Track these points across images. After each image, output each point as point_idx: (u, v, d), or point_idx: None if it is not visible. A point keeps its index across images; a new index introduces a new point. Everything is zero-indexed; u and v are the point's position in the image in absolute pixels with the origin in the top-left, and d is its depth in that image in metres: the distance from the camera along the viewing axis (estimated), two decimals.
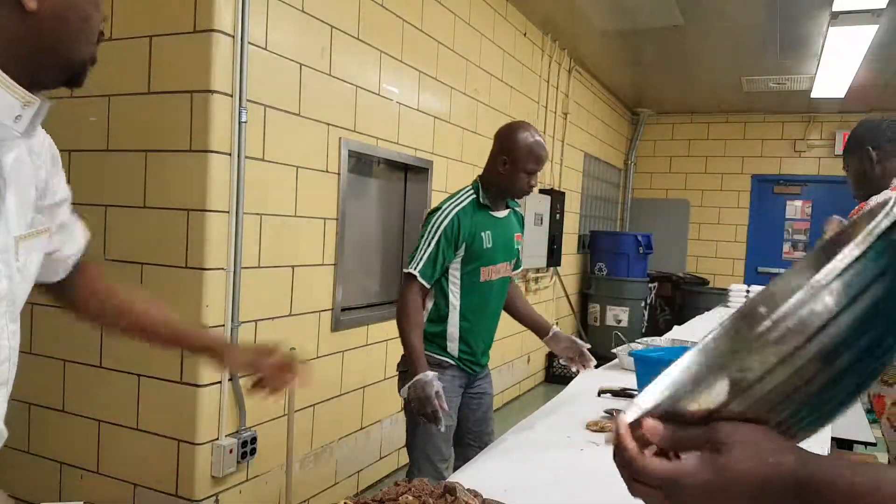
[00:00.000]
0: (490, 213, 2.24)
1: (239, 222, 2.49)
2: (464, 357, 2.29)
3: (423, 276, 2.13)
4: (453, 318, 2.24)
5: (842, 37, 4.56)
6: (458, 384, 2.29)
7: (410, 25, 3.54)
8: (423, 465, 2.21)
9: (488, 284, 2.27)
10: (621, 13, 4.75)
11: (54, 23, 0.84)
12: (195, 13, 2.39)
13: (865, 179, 2.07)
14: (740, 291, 5.26)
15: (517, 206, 2.42)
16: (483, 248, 2.19)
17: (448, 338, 2.25)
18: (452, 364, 2.27)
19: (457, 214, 2.17)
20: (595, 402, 2.13)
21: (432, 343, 2.25)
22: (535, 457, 1.61)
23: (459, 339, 2.26)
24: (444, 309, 2.25)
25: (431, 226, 2.16)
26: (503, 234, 2.27)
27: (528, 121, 2.40)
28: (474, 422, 2.38)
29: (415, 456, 2.25)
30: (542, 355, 6.06)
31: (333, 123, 3.01)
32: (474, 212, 2.21)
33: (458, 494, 1.12)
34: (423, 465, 2.20)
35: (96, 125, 2.57)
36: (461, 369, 2.29)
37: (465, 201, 2.22)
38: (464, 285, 2.22)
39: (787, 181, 7.80)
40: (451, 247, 2.15)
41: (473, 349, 2.30)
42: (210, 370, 2.45)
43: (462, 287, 2.23)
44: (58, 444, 2.72)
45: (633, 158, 8.27)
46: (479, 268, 2.21)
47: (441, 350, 2.26)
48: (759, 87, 6.51)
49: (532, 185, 2.20)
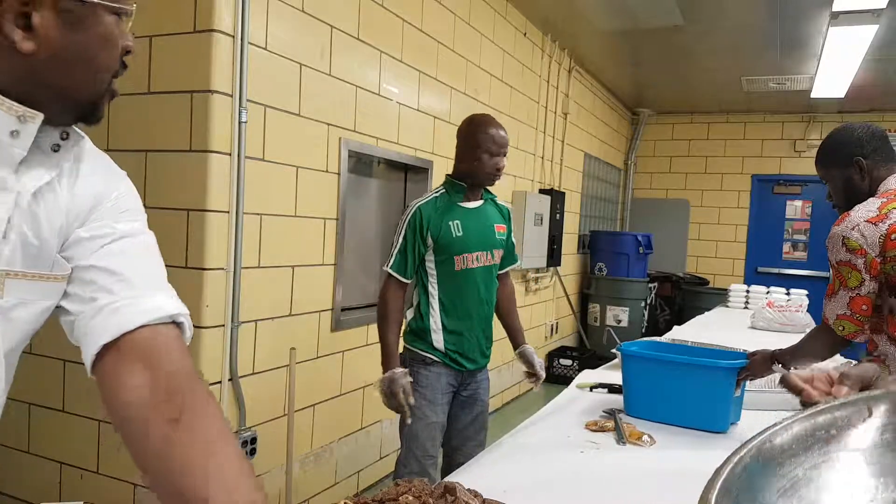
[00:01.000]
0: (459, 205, 2.31)
1: (239, 222, 2.49)
2: (450, 351, 2.30)
3: (396, 270, 2.24)
4: (434, 308, 2.29)
5: (842, 37, 4.56)
6: (445, 381, 2.30)
7: (410, 25, 3.54)
8: (409, 461, 2.25)
9: (465, 273, 2.30)
10: (621, 13, 4.75)
11: (55, 65, 0.75)
12: (195, 13, 2.39)
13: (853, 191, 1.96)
14: (740, 291, 5.27)
15: (495, 198, 2.46)
16: (453, 236, 2.25)
17: (432, 329, 2.29)
18: (437, 360, 2.29)
19: (419, 207, 2.26)
20: (595, 402, 2.13)
21: (418, 338, 2.31)
22: (535, 457, 1.61)
23: (443, 330, 2.29)
24: (424, 302, 2.32)
25: (399, 224, 2.28)
26: (477, 223, 2.32)
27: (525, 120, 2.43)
28: (462, 427, 2.39)
29: (402, 451, 2.30)
30: (542, 355, 6.06)
31: (333, 123, 3.01)
32: (441, 204, 2.28)
33: (458, 494, 1.12)
34: (409, 461, 2.25)
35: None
36: (448, 366, 2.30)
37: (430, 197, 2.31)
38: (440, 275, 2.29)
39: (787, 181, 7.80)
40: (416, 237, 2.23)
41: (462, 342, 2.31)
42: (209, 370, 2.46)
43: (438, 277, 2.29)
44: (58, 444, 2.72)
45: (633, 158, 8.27)
46: (451, 256, 2.27)
47: (427, 346, 2.30)
48: (759, 87, 6.51)
49: (499, 168, 2.28)
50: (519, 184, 5.07)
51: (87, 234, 0.83)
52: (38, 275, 0.80)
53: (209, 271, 2.40)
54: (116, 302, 0.81)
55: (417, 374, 2.27)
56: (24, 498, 2.81)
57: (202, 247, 2.39)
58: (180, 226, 2.41)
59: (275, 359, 2.77)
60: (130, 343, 0.80)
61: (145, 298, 0.83)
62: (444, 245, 2.25)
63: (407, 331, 2.37)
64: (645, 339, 2.92)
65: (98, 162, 0.90)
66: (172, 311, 0.84)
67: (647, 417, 1.88)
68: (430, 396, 2.26)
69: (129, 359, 0.79)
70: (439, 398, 2.28)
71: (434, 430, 2.26)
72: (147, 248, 0.90)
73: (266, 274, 2.68)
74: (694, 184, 8.09)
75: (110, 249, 0.84)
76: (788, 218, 7.87)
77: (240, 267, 2.51)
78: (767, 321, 3.94)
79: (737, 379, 1.81)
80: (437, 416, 2.26)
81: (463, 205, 2.31)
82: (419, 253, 2.25)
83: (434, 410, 2.26)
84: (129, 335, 0.80)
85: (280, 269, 2.77)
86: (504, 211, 2.47)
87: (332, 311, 3.10)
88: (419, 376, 2.27)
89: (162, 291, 0.86)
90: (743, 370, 1.82)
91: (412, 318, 2.34)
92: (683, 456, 1.62)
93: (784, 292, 4.99)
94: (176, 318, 0.85)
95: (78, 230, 0.83)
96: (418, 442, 2.24)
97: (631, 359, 1.95)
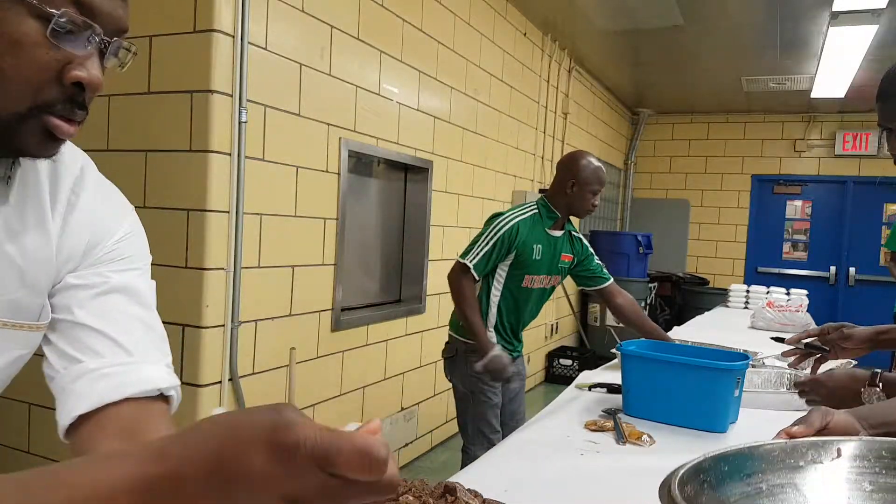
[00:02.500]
0: (546, 231, 2.50)
1: (239, 222, 2.49)
2: (501, 341, 2.55)
3: (475, 269, 2.42)
4: (493, 311, 2.52)
5: (842, 37, 4.56)
6: None
7: (410, 25, 3.54)
8: (476, 438, 2.51)
9: (527, 291, 2.54)
10: (621, 13, 4.75)
11: None
12: (195, 13, 2.39)
13: None
14: (740, 291, 5.26)
15: (573, 229, 2.64)
16: (532, 258, 2.46)
17: (489, 320, 2.52)
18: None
19: (518, 223, 2.44)
20: (594, 402, 2.13)
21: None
22: (535, 457, 1.61)
23: (495, 329, 2.53)
24: (485, 302, 2.53)
25: (493, 227, 2.43)
26: (552, 251, 2.53)
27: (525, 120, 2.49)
28: (509, 401, 2.68)
29: (468, 431, 2.55)
30: (543, 355, 6.06)
31: (333, 123, 3.01)
32: (533, 224, 2.47)
33: (458, 494, 1.12)
34: (477, 438, 2.50)
35: (96, 125, 2.58)
36: None
37: (528, 213, 2.49)
38: (506, 285, 2.50)
39: (787, 181, 7.80)
40: (504, 249, 2.42)
41: (509, 334, 2.57)
42: (209, 370, 2.46)
43: (504, 287, 2.51)
44: (58, 444, 2.71)
45: (633, 158, 8.27)
46: (523, 274, 2.48)
47: None
48: (759, 87, 6.51)
49: (595, 204, 2.49)
50: (519, 184, 5.07)
51: (78, 282, 0.74)
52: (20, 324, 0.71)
53: (209, 271, 2.40)
54: (103, 368, 0.73)
55: (475, 364, 2.48)
56: None
57: (202, 247, 2.39)
58: (180, 226, 2.41)
59: (275, 359, 2.77)
60: (112, 415, 0.72)
61: (135, 367, 0.74)
62: (521, 262, 2.46)
63: (462, 324, 2.54)
64: (645, 339, 2.91)
65: (101, 194, 0.79)
66: (162, 384, 0.75)
67: (647, 417, 1.88)
68: (490, 381, 2.52)
69: (108, 433, 0.71)
70: (496, 382, 2.54)
71: (496, 409, 2.55)
72: (143, 305, 0.79)
73: (266, 274, 2.69)
74: (694, 184, 8.09)
75: (102, 304, 0.75)
76: (788, 218, 7.87)
77: (240, 267, 2.51)
78: (767, 321, 3.93)
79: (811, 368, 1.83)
80: (497, 398, 2.55)
81: (549, 231, 2.51)
82: (498, 260, 2.45)
83: (495, 392, 2.54)
84: (112, 407, 0.72)
85: (280, 269, 2.77)
86: (578, 240, 2.66)
87: (332, 311, 3.10)
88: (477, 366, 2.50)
89: (152, 361, 0.77)
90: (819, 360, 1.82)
91: None
92: (683, 456, 1.61)
93: (784, 292, 4.99)
94: (166, 391, 0.76)
95: (69, 276, 0.74)
96: (486, 421, 2.50)
97: (630, 358, 1.95)
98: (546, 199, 2.53)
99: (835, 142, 7.44)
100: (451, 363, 2.59)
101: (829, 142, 7.52)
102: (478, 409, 2.50)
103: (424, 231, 3.86)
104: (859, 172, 7.40)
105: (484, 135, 4.47)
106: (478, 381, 2.49)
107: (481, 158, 4.46)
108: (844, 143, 7.39)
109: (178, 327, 2.43)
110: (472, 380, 2.49)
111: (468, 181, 4.32)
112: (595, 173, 2.44)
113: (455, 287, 2.45)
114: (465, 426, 2.57)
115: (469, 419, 2.54)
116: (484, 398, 2.50)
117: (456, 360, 2.55)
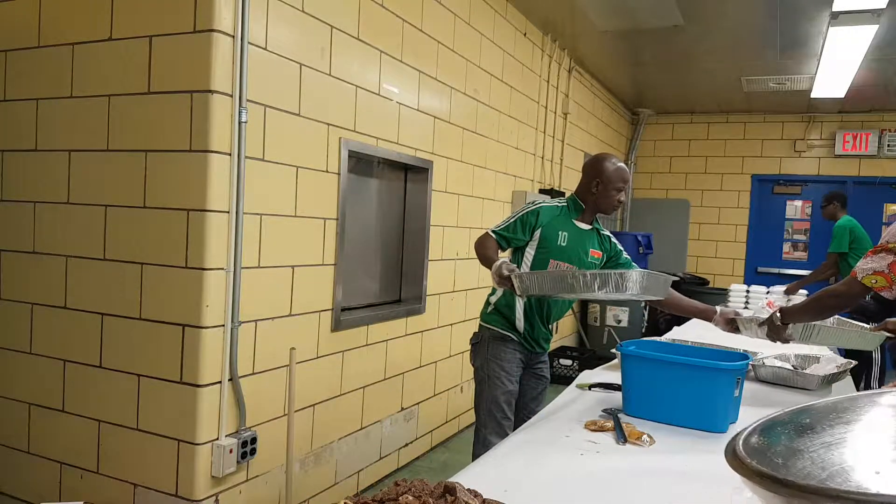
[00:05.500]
0: (574, 221, 2.63)
1: (239, 222, 2.49)
2: (526, 334, 2.65)
3: (497, 238, 2.56)
4: (521, 298, 2.59)
5: (842, 37, 4.56)
6: (519, 357, 2.66)
7: (410, 25, 3.54)
8: (487, 421, 2.60)
9: None
10: (621, 13, 4.75)
11: None
12: (195, 13, 2.39)
13: None
14: (740, 291, 5.26)
15: (601, 228, 2.74)
16: (556, 243, 2.57)
17: (517, 315, 2.62)
18: (515, 339, 2.64)
19: (542, 207, 2.60)
20: (594, 402, 2.13)
21: (503, 318, 2.64)
22: (535, 457, 1.61)
23: (524, 318, 2.63)
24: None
25: (522, 208, 2.62)
26: (579, 242, 2.62)
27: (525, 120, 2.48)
28: (531, 399, 2.77)
29: (481, 414, 2.64)
30: None
31: (333, 123, 3.01)
32: (560, 213, 2.61)
33: (458, 494, 1.12)
34: (488, 421, 2.60)
35: (96, 125, 2.58)
36: (522, 345, 2.66)
37: (556, 204, 2.64)
38: (533, 266, 2.59)
39: (787, 181, 7.80)
40: (525, 227, 2.57)
41: (534, 330, 2.66)
42: (209, 370, 2.46)
43: (531, 267, 2.59)
44: (58, 444, 2.73)
45: (633, 158, 8.27)
46: (548, 258, 2.57)
47: (509, 327, 2.64)
48: (759, 87, 6.51)
49: (620, 200, 2.62)
50: (519, 184, 5.07)
51: None
52: None
53: (209, 271, 2.40)
54: None
55: (497, 349, 2.63)
56: (24, 498, 2.81)
57: (202, 247, 2.39)
58: (180, 226, 2.41)
59: (275, 359, 2.77)
60: None
61: None
62: (546, 245, 2.57)
63: (490, 311, 2.68)
64: (645, 338, 2.92)
65: None
66: None
67: (647, 417, 1.88)
68: (508, 368, 2.62)
69: None
70: (514, 371, 2.64)
71: (511, 396, 2.63)
72: None
73: (266, 274, 2.69)
74: (694, 184, 8.10)
75: None
76: (788, 218, 7.88)
77: (240, 267, 2.51)
78: None
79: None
80: (512, 385, 2.63)
81: (576, 223, 2.63)
82: (519, 240, 2.58)
83: (511, 380, 2.62)
84: None
85: (280, 269, 2.77)
86: (606, 238, 2.75)
87: (332, 311, 3.10)
88: (499, 351, 2.62)
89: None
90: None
91: (499, 299, 2.66)
92: (683, 456, 1.62)
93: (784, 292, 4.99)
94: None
95: None
96: (498, 405, 2.60)
97: (630, 359, 1.95)
98: (575, 195, 2.67)
99: (835, 142, 7.45)
100: (475, 348, 2.71)
101: (828, 142, 7.52)
102: (492, 393, 2.62)
103: (424, 231, 3.86)
104: (859, 172, 7.40)
105: (484, 135, 4.47)
106: (495, 367, 2.61)
107: (481, 158, 4.46)
108: (844, 143, 7.39)
109: (178, 327, 2.43)
110: (490, 364, 2.62)
111: (468, 181, 4.32)
112: (618, 172, 2.59)
113: (477, 242, 2.59)
114: (478, 407, 2.68)
115: (483, 401, 2.66)
116: (499, 383, 2.61)
117: (479, 346, 2.68)
